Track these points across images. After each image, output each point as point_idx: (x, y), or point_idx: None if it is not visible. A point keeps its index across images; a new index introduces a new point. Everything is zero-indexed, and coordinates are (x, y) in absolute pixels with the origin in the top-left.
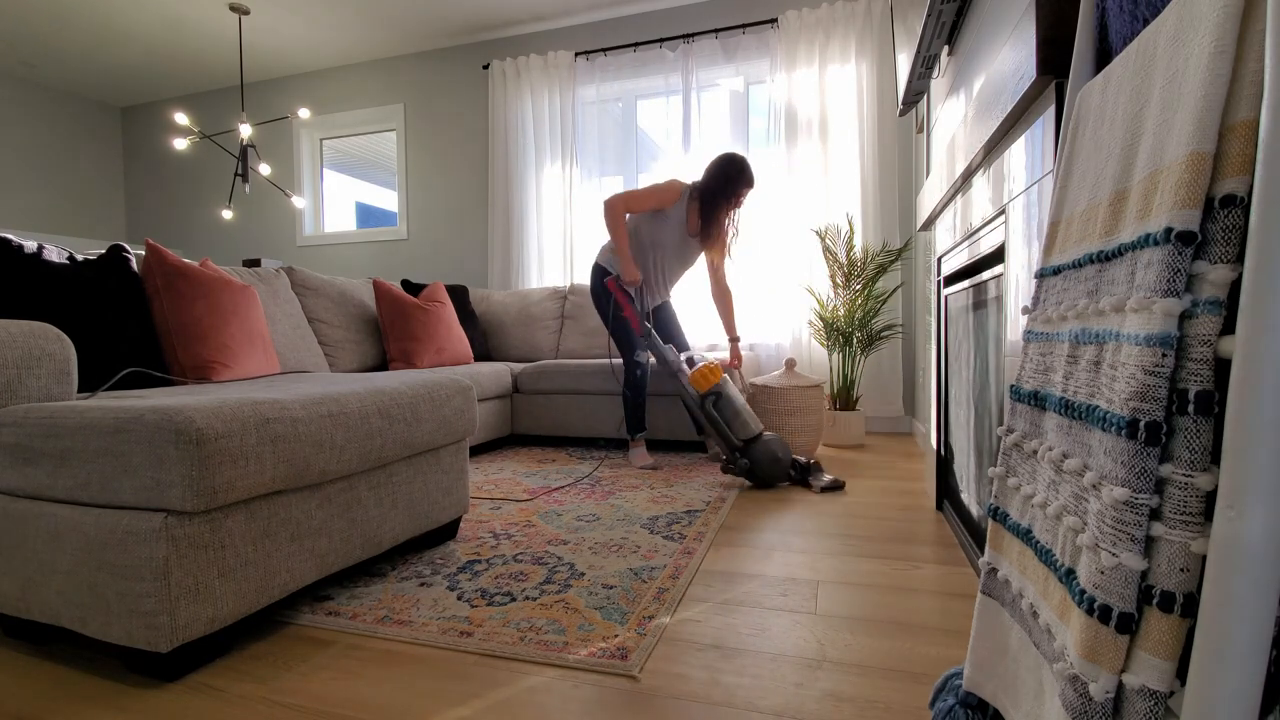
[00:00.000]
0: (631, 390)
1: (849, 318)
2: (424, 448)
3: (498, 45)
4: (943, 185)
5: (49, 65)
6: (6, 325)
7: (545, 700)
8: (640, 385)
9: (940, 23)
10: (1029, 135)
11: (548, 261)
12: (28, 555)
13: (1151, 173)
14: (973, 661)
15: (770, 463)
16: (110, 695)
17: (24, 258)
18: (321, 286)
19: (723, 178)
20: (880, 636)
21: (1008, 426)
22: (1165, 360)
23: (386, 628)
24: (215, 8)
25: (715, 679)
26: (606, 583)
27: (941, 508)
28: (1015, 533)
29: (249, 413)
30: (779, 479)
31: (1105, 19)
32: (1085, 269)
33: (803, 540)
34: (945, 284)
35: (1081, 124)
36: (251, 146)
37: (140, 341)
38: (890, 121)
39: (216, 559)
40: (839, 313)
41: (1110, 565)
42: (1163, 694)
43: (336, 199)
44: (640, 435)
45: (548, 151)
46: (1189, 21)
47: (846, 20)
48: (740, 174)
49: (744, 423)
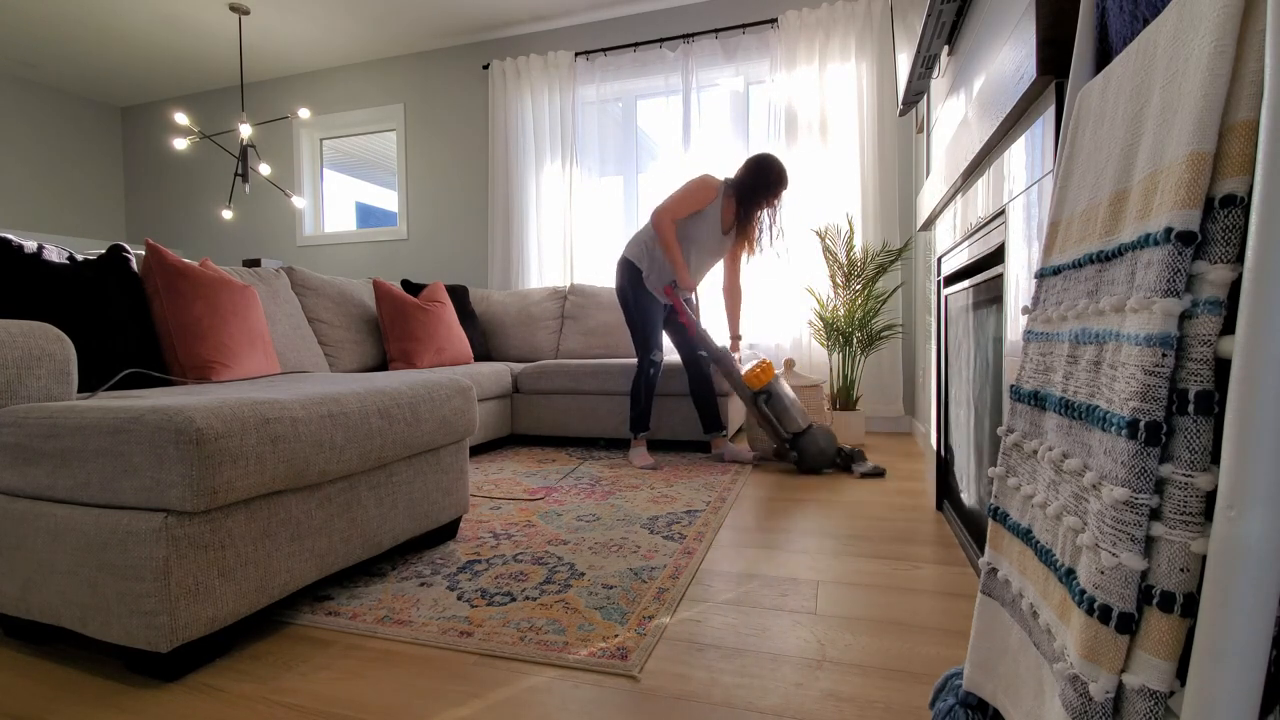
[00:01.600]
0: (638, 387)
1: (849, 318)
2: (424, 448)
3: (498, 45)
4: (943, 185)
5: (49, 65)
6: (6, 325)
7: (545, 700)
8: (652, 384)
9: (940, 23)
10: (1029, 135)
11: (548, 261)
12: (28, 555)
13: (1151, 173)
14: (973, 661)
15: (816, 454)
16: (110, 695)
17: (24, 258)
18: (321, 286)
19: (762, 178)
20: (880, 636)
21: (1008, 426)
22: (1165, 360)
23: (386, 628)
24: (215, 8)
25: (715, 679)
26: (606, 583)
27: (941, 508)
28: (1015, 533)
29: (249, 413)
30: (825, 467)
31: (1105, 19)
32: (1085, 269)
33: (803, 540)
34: (945, 284)
35: (1081, 124)
36: (251, 146)
37: (140, 341)
38: (890, 121)
39: (216, 559)
40: (839, 313)
41: (1110, 565)
42: (1163, 694)
43: (336, 199)
44: (643, 435)
45: (548, 151)
46: (1189, 21)
47: (846, 20)
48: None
49: (792, 418)
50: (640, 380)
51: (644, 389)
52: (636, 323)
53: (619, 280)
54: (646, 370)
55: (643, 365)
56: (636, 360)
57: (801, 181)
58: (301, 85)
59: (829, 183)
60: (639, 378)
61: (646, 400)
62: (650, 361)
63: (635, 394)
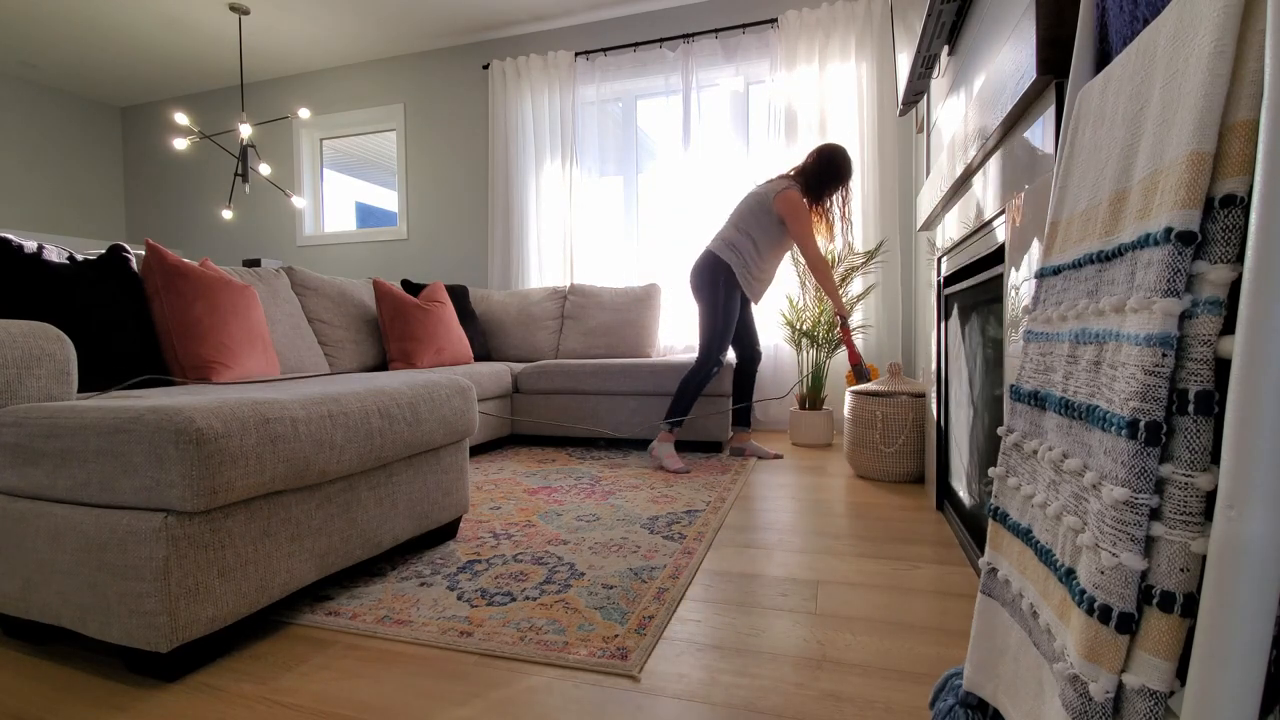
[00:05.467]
0: (697, 382)
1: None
2: (424, 448)
3: (498, 45)
4: (943, 185)
5: (49, 65)
6: (6, 325)
7: (545, 700)
8: (706, 383)
9: (940, 23)
10: (1029, 135)
11: (547, 261)
12: (28, 555)
13: (1151, 173)
14: (973, 661)
15: None
16: (110, 695)
17: (24, 258)
18: (321, 286)
19: (831, 169)
20: (880, 636)
21: (1008, 426)
22: (1165, 360)
23: (386, 628)
24: (215, 8)
25: (715, 679)
26: (606, 583)
27: (941, 508)
28: (1015, 533)
29: (249, 413)
30: None
31: (1105, 19)
32: (1085, 269)
33: (803, 540)
34: (945, 284)
35: (1081, 124)
36: (251, 146)
37: (140, 342)
38: (890, 121)
39: (216, 559)
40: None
41: (1110, 565)
42: (1163, 694)
43: (336, 199)
44: (676, 428)
45: (548, 151)
46: (1189, 21)
47: (846, 20)
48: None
49: None
50: (698, 377)
51: (697, 386)
52: (718, 322)
53: (706, 276)
54: (711, 370)
55: (708, 365)
56: (699, 357)
57: None
58: (301, 85)
59: None
60: (698, 375)
61: (696, 396)
62: (717, 362)
63: (686, 387)
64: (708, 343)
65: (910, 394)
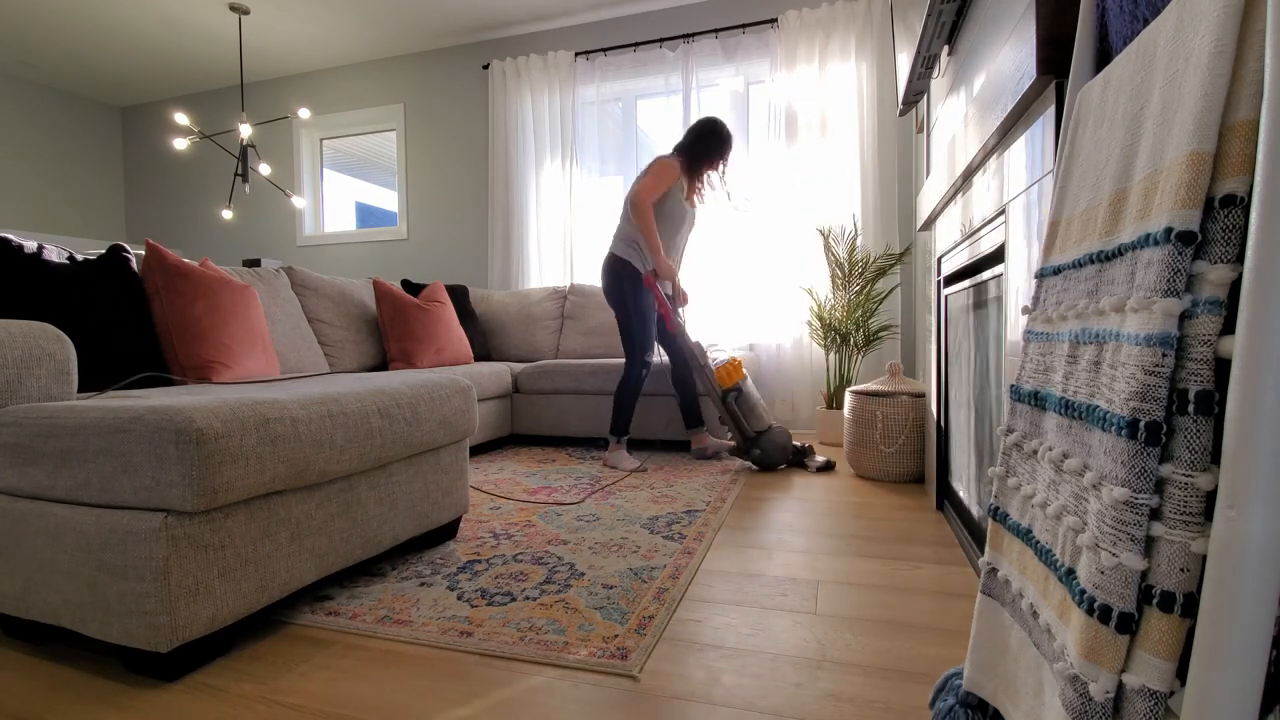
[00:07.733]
0: (629, 389)
1: (848, 318)
2: (424, 448)
3: (498, 45)
4: (943, 185)
5: (49, 65)
6: (6, 325)
7: (545, 700)
8: (639, 387)
9: (940, 22)
10: (1029, 135)
11: (547, 261)
12: (28, 555)
13: (1151, 173)
14: (973, 661)
15: (778, 451)
16: (110, 695)
17: (24, 258)
18: (321, 286)
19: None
20: (880, 636)
21: (1008, 426)
22: (1165, 360)
23: (386, 628)
24: (215, 8)
25: (715, 679)
26: (606, 583)
27: (941, 508)
28: (1015, 533)
29: (249, 413)
30: (780, 463)
31: (1105, 19)
32: (1085, 269)
33: (803, 540)
34: (945, 284)
35: (1081, 124)
36: (251, 146)
37: (140, 341)
38: (890, 121)
39: (216, 559)
40: (836, 313)
41: (1110, 565)
42: (1163, 694)
43: (336, 199)
44: (625, 438)
45: (548, 151)
46: (1189, 21)
47: (846, 20)
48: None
49: (759, 416)
50: (630, 383)
51: (631, 393)
52: (634, 323)
53: (611, 280)
54: (639, 373)
55: (636, 368)
56: (626, 363)
57: (801, 181)
58: (301, 85)
59: (829, 182)
60: (628, 380)
61: (633, 403)
62: (644, 364)
63: (622, 396)
64: (629, 345)
65: (910, 394)
